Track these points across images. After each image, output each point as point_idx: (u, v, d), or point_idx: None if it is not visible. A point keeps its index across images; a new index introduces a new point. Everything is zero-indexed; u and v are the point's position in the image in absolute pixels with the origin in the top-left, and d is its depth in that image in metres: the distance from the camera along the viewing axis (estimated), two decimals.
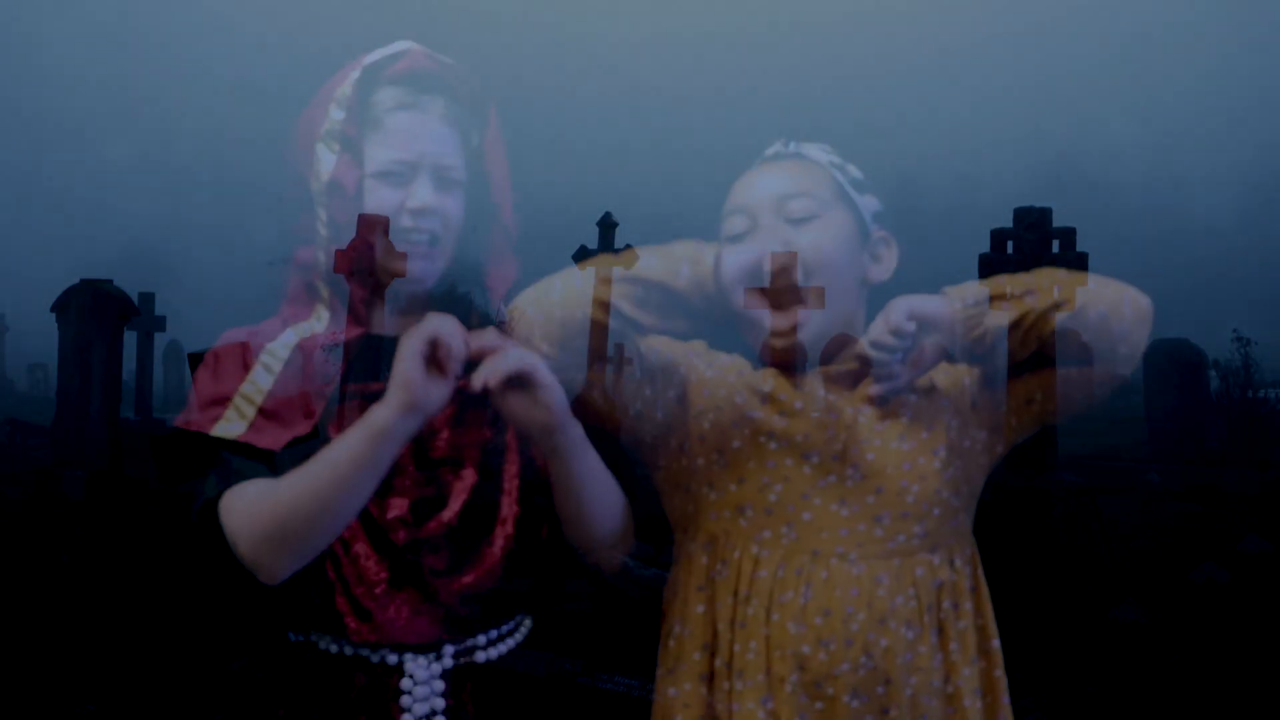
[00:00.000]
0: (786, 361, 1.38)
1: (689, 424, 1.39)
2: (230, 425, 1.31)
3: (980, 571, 1.36)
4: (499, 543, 1.39)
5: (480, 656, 1.39)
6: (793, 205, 1.35)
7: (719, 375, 1.41)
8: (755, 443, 1.36)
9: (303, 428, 1.32)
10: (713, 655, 1.35)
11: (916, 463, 1.33)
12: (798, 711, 1.28)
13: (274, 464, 1.32)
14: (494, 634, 1.41)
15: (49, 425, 6.84)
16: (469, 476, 1.39)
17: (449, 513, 1.37)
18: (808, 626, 1.29)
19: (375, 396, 1.36)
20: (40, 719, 3.25)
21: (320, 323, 1.38)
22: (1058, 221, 4.59)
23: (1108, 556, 4.65)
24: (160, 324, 9.60)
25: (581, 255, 8.82)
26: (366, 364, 1.39)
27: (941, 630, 1.31)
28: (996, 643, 1.35)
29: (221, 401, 1.33)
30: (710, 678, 1.35)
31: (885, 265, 1.39)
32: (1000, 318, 1.29)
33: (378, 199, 1.38)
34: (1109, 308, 1.29)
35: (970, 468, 1.37)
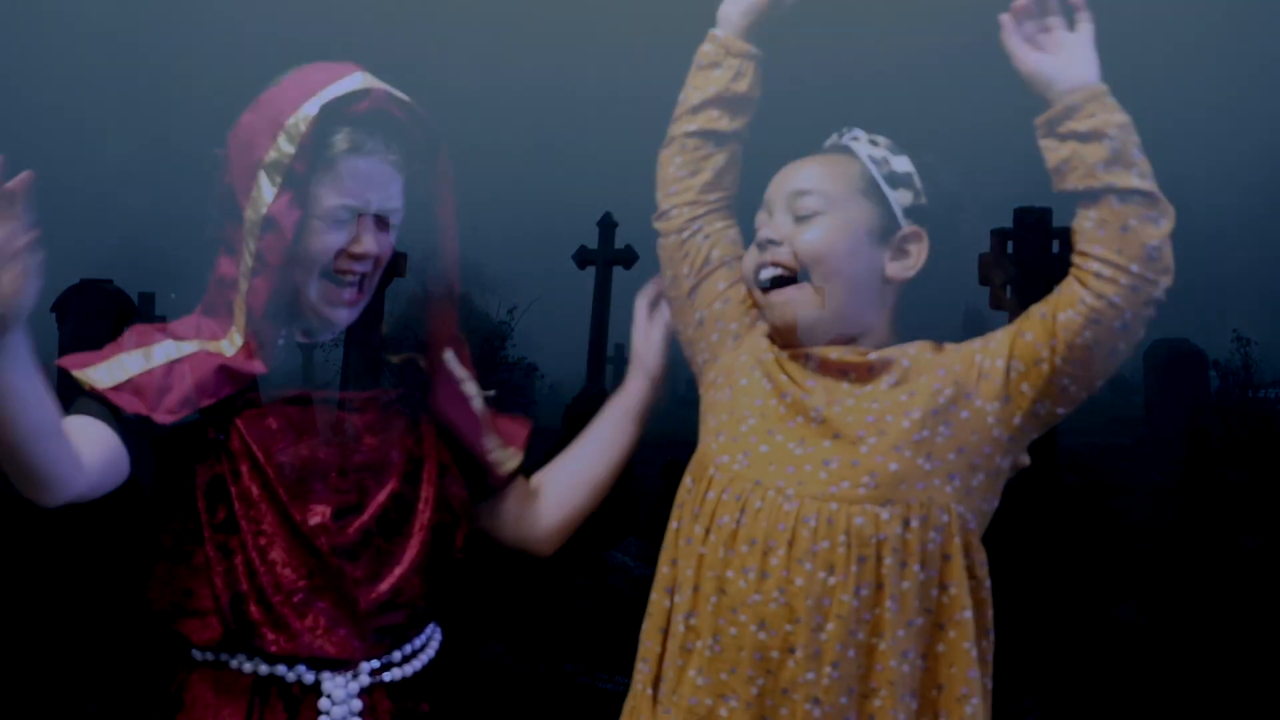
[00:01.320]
0: (788, 341, 1.44)
1: (732, 361, 1.47)
2: (95, 372, 1.30)
3: (959, 541, 1.34)
4: (413, 551, 1.38)
5: (396, 673, 1.38)
6: (801, 202, 1.41)
7: (761, 334, 1.48)
8: (757, 380, 1.42)
9: (160, 415, 1.29)
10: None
11: (883, 419, 1.35)
12: (714, 632, 1.33)
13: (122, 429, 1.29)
14: (408, 649, 1.39)
15: None
16: (390, 484, 1.38)
17: (367, 517, 1.35)
18: (735, 553, 1.33)
19: (306, 402, 1.36)
20: (40, 719, 3.25)
21: (231, 347, 1.35)
22: (1058, 221, 4.59)
23: (1108, 556, 4.64)
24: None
25: (581, 255, 8.75)
26: (297, 372, 1.39)
27: (881, 586, 1.30)
28: (967, 614, 1.33)
29: (99, 360, 1.32)
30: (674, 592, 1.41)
31: (912, 261, 1.41)
32: (1112, 121, 1.34)
33: (321, 241, 1.35)
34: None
35: (967, 439, 1.36)
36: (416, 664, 1.40)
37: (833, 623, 1.29)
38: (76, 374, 1.30)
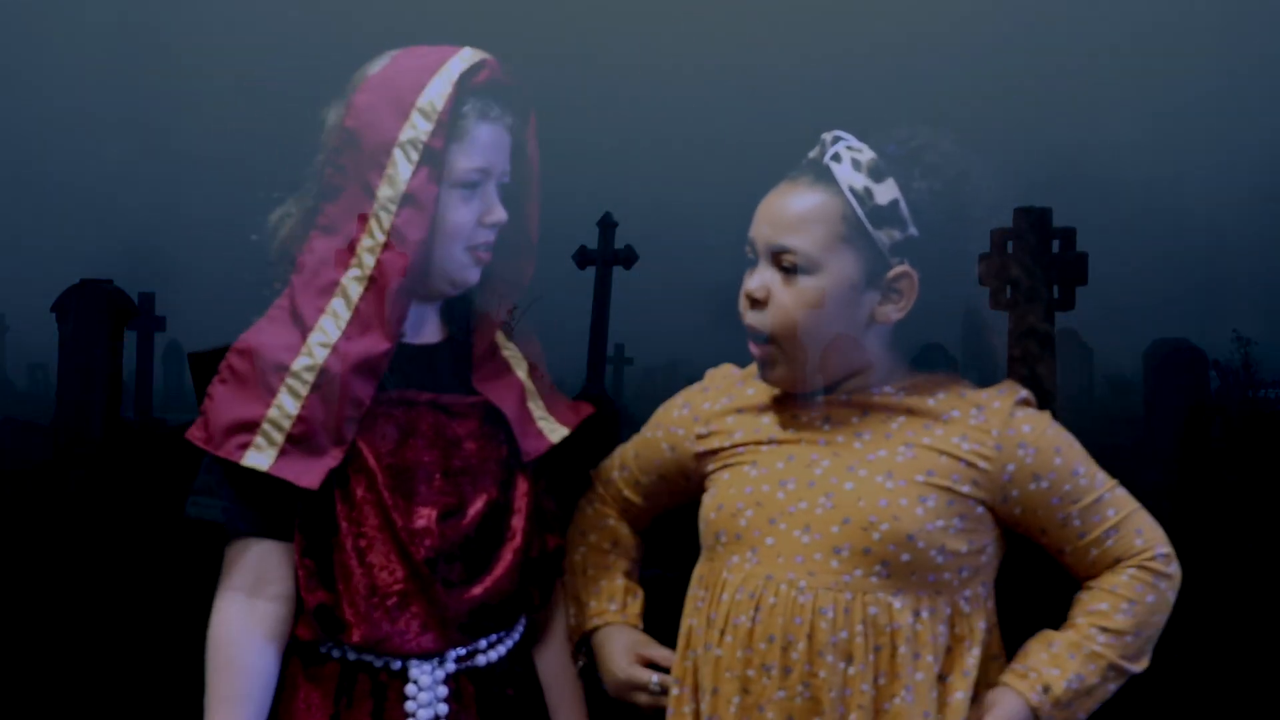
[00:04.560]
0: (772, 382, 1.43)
1: (700, 466, 1.47)
2: (260, 455, 1.31)
3: (960, 631, 1.34)
4: (508, 557, 1.39)
5: (481, 660, 1.39)
6: (783, 257, 1.35)
7: (724, 406, 1.46)
8: (740, 471, 1.40)
9: (334, 456, 1.32)
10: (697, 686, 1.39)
11: (897, 503, 1.31)
12: None
13: (299, 497, 1.33)
14: (494, 637, 1.41)
15: (49, 425, 6.83)
16: (485, 489, 1.39)
17: (467, 522, 1.37)
18: (754, 651, 1.31)
19: (412, 405, 1.37)
20: (41, 719, 3.26)
21: (334, 322, 1.34)
22: (1058, 221, 4.59)
23: None
24: (160, 324, 9.58)
25: (581, 255, 8.80)
26: (403, 374, 1.39)
27: (897, 676, 1.29)
28: (960, 695, 1.33)
29: (250, 426, 1.31)
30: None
31: (903, 302, 1.37)
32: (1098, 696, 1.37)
33: (455, 211, 1.38)
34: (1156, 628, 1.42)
35: (978, 535, 1.36)
36: (501, 649, 1.42)
37: (854, 713, 1.29)
38: (244, 463, 1.32)
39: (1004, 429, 1.36)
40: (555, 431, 1.48)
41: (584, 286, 7.91)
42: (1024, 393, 1.40)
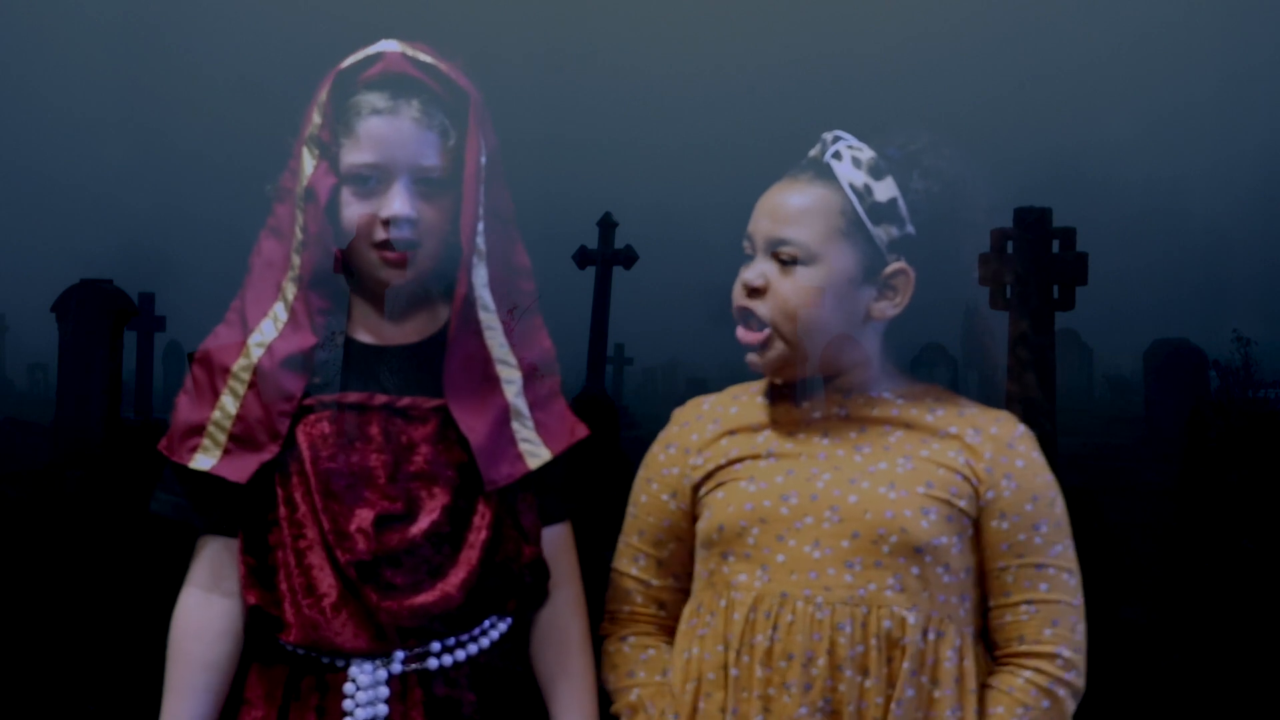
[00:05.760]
0: (773, 378, 1.41)
1: (695, 495, 1.43)
2: (206, 456, 1.36)
3: (968, 663, 1.32)
4: (462, 570, 1.35)
5: (432, 663, 1.36)
6: (782, 249, 1.35)
7: (713, 432, 1.44)
8: (736, 488, 1.38)
9: (269, 451, 1.34)
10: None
11: (901, 514, 1.31)
12: None
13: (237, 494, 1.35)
14: (450, 641, 1.38)
15: (49, 425, 6.84)
16: (440, 496, 1.36)
17: (415, 529, 1.34)
18: (773, 669, 1.30)
19: (364, 409, 1.36)
20: (41, 719, 3.25)
21: (274, 324, 1.37)
22: (1058, 221, 4.59)
23: (1108, 557, 4.64)
24: (160, 324, 9.61)
25: (581, 255, 8.75)
26: (364, 376, 1.39)
27: (893, 684, 1.29)
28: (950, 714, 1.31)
29: (199, 430, 1.37)
30: None
31: (899, 299, 1.37)
32: None
33: (350, 207, 1.37)
34: None
35: (974, 560, 1.35)
36: (460, 654, 1.38)
37: None
38: (192, 465, 1.36)
39: (997, 456, 1.35)
40: (536, 456, 1.41)
41: (584, 286, 7.92)
42: (1023, 427, 1.39)
